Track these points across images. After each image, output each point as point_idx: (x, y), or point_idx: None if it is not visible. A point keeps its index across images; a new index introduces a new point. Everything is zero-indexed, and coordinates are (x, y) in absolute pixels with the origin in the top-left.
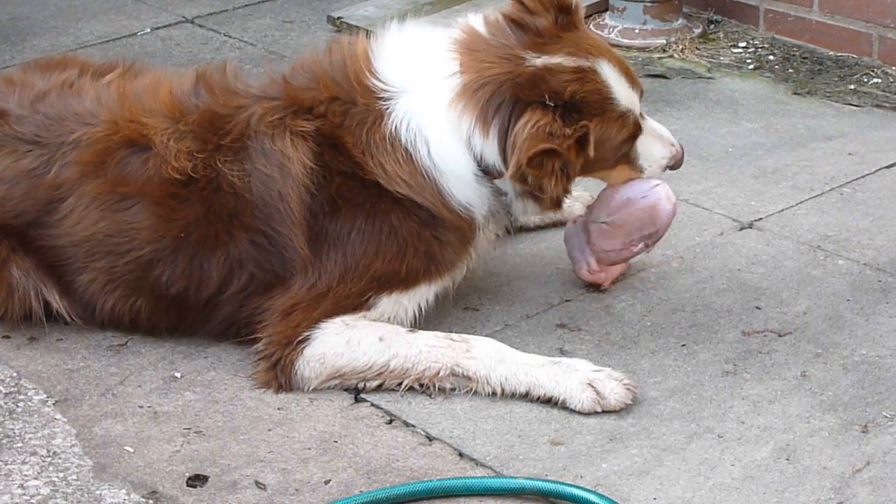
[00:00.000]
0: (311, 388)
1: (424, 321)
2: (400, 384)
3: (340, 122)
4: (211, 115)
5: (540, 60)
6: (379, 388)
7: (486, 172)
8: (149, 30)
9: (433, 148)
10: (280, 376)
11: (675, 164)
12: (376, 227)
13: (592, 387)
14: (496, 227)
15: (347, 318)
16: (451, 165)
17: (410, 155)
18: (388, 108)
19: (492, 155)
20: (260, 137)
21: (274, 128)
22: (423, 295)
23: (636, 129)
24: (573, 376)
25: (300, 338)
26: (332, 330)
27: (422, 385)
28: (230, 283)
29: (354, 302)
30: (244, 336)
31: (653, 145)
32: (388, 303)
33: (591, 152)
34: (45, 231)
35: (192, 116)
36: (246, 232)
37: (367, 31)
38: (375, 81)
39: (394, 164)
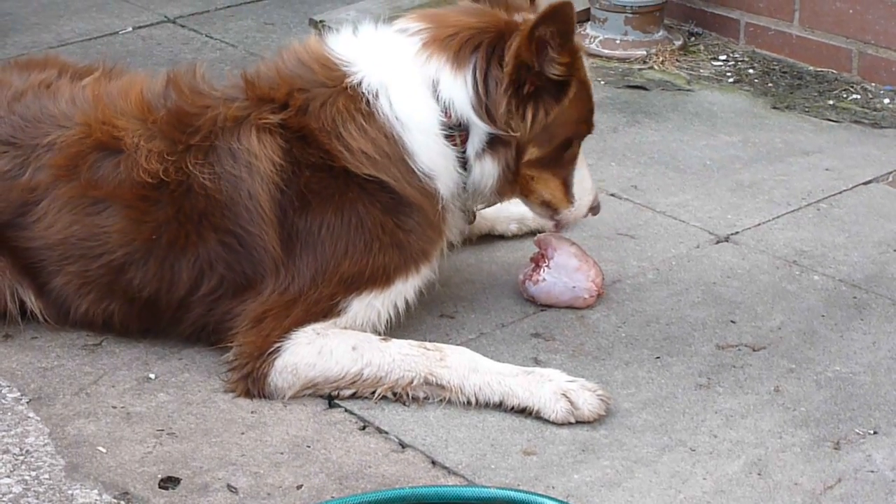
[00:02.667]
0: (284, 398)
1: (399, 328)
2: (373, 393)
3: (305, 107)
4: (179, 113)
5: (519, 17)
6: (353, 397)
7: (451, 135)
8: (130, 28)
9: (394, 97)
10: (252, 388)
11: (595, 209)
12: (344, 220)
13: (566, 397)
14: (460, 216)
15: (318, 326)
16: (415, 116)
17: (372, 114)
18: (348, 75)
19: (463, 100)
20: (226, 136)
21: (239, 124)
22: (397, 294)
23: (586, 131)
24: (547, 386)
25: (271, 349)
26: (304, 339)
27: (395, 394)
28: (200, 285)
29: (325, 307)
30: (215, 340)
31: (585, 178)
32: (360, 306)
33: (571, 95)
34: (20, 233)
35: (160, 114)
36: (215, 232)
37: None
38: (333, 57)
39: (356, 133)
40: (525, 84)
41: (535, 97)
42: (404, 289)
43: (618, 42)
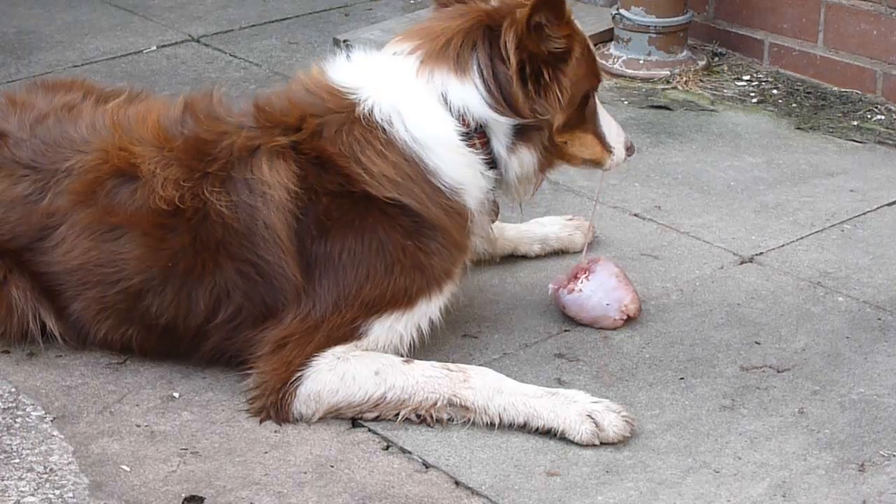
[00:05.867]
0: (308, 423)
1: (422, 348)
2: (397, 415)
3: (319, 132)
4: (196, 141)
5: (495, 1)
6: (376, 419)
7: (470, 136)
8: (155, 48)
9: (408, 120)
10: (276, 416)
11: (631, 149)
12: (365, 244)
13: (591, 418)
14: (486, 221)
15: (339, 350)
16: (433, 133)
17: (390, 137)
18: (358, 103)
19: (478, 102)
20: (241, 167)
21: (251, 152)
22: (419, 317)
23: (597, 82)
24: (572, 407)
25: (293, 378)
26: (325, 366)
27: (419, 416)
28: (217, 313)
29: (346, 332)
30: (236, 364)
31: (611, 125)
32: (381, 329)
33: (576, 56)
34: (40, 257)
35: (176, 142)
36: (233, 261)
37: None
38: (337, 86)
39: (376, 158)
40: (534, 68)
41: (548, 74)
42: (428, 310)
43: (641, 62)
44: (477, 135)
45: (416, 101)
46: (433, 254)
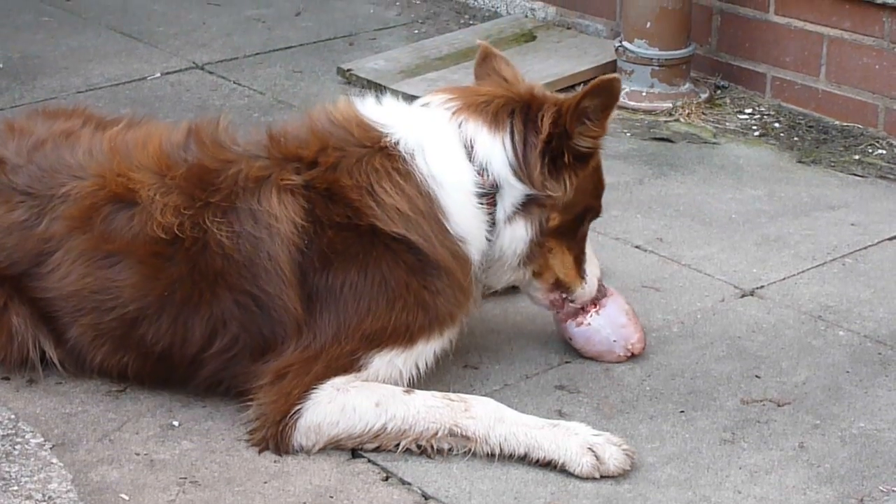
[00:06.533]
0: (308, 454)
1: (423, 379)
2: (397, 445)
3: (336, 164)
4: (200, 168)
5: (536, 91)
6: (376, 450)
7: (482, 194)
8: (159, 74)
9: (431, 157)
10: (276, 448)
11: (601, 290)
12: (368, 278)
13: (592, 451)
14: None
15: (338, 382)
16: (451, 175)
17: (409, 169)
18: (385, 136)
19: (501, 161)
20: (247, 197)
21: (260, 185)
22: (418, 355)
23: (597, 209)
24: (573, 440)
25: (293, 410)
26: (325, 397)
27: (419, 446)
28: (213, 343)
29: (346, 363)
30: (235, 395)
31: (592, 259)
32: (381, 363)
33: (593, 164)
34: (37, 283)
35: (179, 170)
36: (231, 292)
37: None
38: (368, 119)
39: (391, 189)
40: (559, 149)
41: (567, 162)
42: (425, 350)
43: (644, 94)
44: (489, 196)
45: (443, 141)
46: (437, 293)
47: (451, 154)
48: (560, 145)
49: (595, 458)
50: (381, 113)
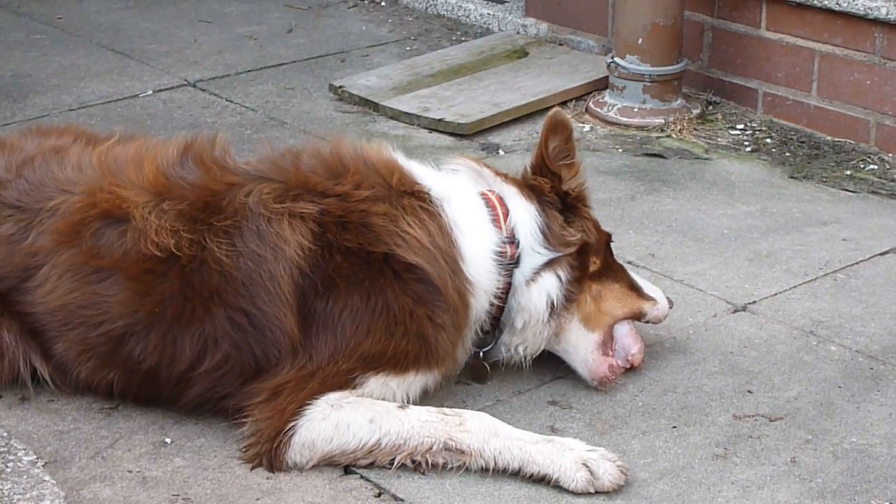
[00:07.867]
0: (301, 471)
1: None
2: (392, 461)
3: (364, 199)
4: (203, 191)
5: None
6: (370, 466)
7: (504, 253)
8: (151, 92)
9: (458, 204)
10: (269, 465)
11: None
12: (370, 304)
13: (587, 467)
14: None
15: (332, 398)
16: (474, 228)
17: (436, 211)
18: (418, 183)
19: (529, 225)
20: (256, 218)
21: (273, 212)
22: (412, 384)
23: (606, 232)
24: (568, 455)
25: (287, 427)
26: (319, 414)
27: (414, 461)
28: (203, 360)
29: (341, 380)
30: (230, 413)
31: (641, 279)
32: (376, 384)
33: (588, 203)
34: (24, 297)
35: (181, 192)
36: (225, 309)
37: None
38: (404, 166)
39: (416, 223)
40: (563, 198)
41: (573, 205)
42: (416, 380)
43: (636, 110)
44: (506, 266)
45: (474, 196)
46: (441, 328)
47: (480, 208)
48: (561, 194)
49: (590, 473)
50: (414, 164)
